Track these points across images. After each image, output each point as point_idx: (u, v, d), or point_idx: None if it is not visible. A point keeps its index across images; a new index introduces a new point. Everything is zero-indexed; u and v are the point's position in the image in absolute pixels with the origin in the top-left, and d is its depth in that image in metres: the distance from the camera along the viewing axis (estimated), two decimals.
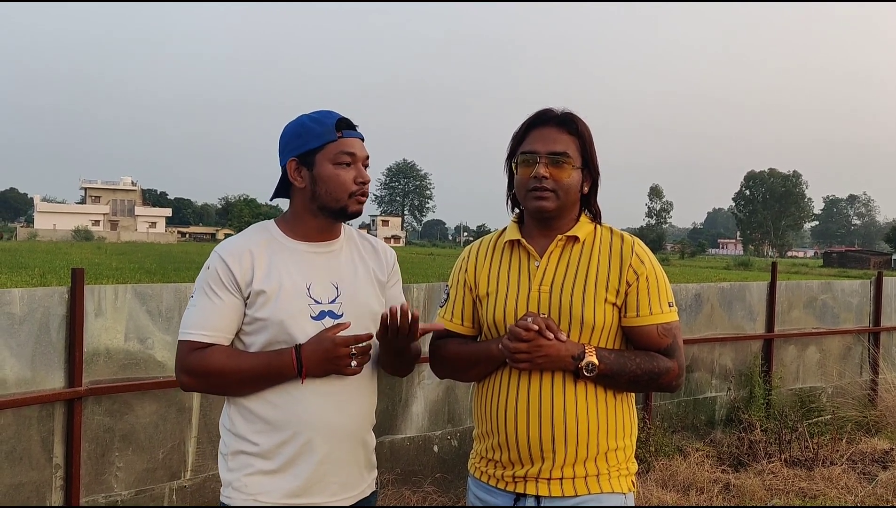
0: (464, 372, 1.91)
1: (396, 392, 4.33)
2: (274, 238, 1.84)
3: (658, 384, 1.80)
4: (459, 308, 1.93)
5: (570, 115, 1.84)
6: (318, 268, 1.83)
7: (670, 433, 5.43)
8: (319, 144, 1.79)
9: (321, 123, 1.81)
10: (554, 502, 1.76)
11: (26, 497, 3.12)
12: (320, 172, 1.79)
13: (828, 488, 4.72)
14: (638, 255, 1.81)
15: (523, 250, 1.86)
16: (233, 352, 1.77)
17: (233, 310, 1.77)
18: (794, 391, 6.28)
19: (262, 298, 1.75)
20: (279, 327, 1.75)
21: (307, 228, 1.84)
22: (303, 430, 1.75)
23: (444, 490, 4.36)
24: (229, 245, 1.82)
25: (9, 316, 3.08)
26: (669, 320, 1.81)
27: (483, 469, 1.87)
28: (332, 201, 1.80)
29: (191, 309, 1.79)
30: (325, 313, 1.79)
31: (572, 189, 1.81)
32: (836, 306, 6.62)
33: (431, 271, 26.58)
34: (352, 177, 1.80)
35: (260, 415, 1.76)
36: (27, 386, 3.12)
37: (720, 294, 5.86)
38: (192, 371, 1.75)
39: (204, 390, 1.87)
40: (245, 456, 1.77)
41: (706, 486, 4.64)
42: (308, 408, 1.76)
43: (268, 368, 1.73)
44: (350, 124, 1.84)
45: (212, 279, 1.77)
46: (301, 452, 1.76)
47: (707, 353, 5.82)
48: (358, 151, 1.82)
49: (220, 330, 1.76)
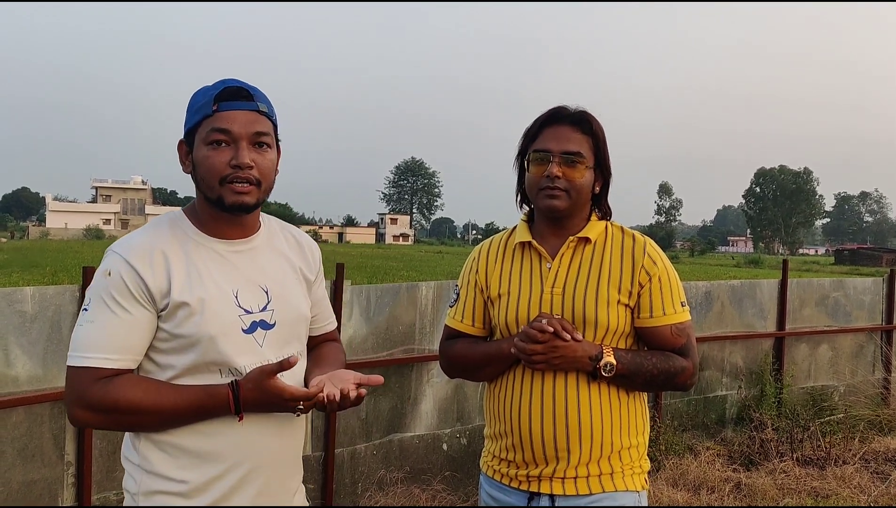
0: (475, 372, 1.90)
1: (405, 390, 4.33)
2: (187, 235, 1.53)
3: (673, 384, 1.79)
4: (470, 309, 1.91)
5: (585, 113, 1.81)
6: (242, 270, 1.55)
7: (680, 432, 5.40)
8: (196, 120, 1.50)
9: (204, 95, 1.50)
10: (568, 501, 1.76)
11: (38, 493, 3.14)
12: (196, 155, 1.50)
13: (840, 487, 4.68)
14: (650, 255, 1.80)
15: (535, 252, 1.84)
16: (149, 385, 1.45)
17: (144, 326, 1.45)
18: (806, 390, 6.23)
19: (185, 311, 1.45)
20: (209, 344, 1.46)
21: (215, 222, 1.55)
22: (242, 461, 1.49)
23: (453, 489, 4.35)
24: (134, 244, 1.49)
25: (21, 314, 3.10)
26: (683, 319, 1.80)
27: (496, 467, 1.86)
28: (207, 190, 1.50)
29: (86, 326, 1.44)
30: (257, 325, 1.53)
31: (585, 189, 1.79)
32: (849, 304, 6.57)
33: (440, 270, 26.58)
34: (226, 159, 1.47)
35: (185, 448, 1.47)
36: (39, 384, 3.13)
37: (730, 292, 5.83)
38: (96, 407, 1.41)
39: (106, 427, 1.49)
40: (165, 496, 1.47)
41: (717, 485, 4.61)
42: (247, 436, 1.49)
43: (196, 408, 1.44)
44: (237, 93, 1.49)
45: (115, 288, 1.44)
46: (237, 486, 1.49)
47: (717, 351, 5.79)
48: (238, 126, 1.47)
49: (128, 352, 1.44)
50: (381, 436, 4.26)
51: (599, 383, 1.75)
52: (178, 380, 1.48)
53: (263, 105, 1.53)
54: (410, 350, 4.32)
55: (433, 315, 4.41)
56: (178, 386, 1.46)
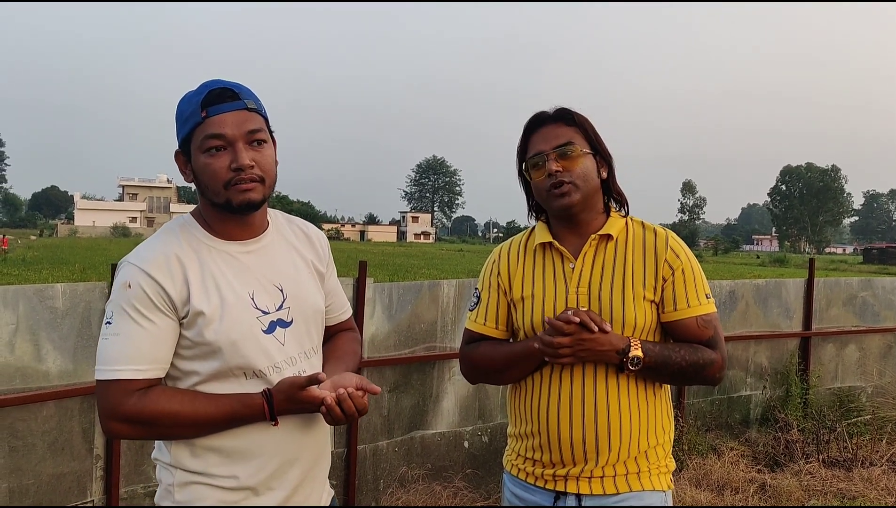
0: (500, 374, 1.85)
1: (427, 388, 4.35)
2: (198, 240, 1.53)
3: (703, 377, 1.75)
4: (494, 311, 1.88)
5: (564, 109, 1.80)
6: (255, 271, 1.55)
7: (703, 432, 5.35)
8: (188, 130, 1.49)
9: (190, 103, 1.49)
10: (595, 500, 1.75)
11: (67, 486, 3.21)
12: (195, 164, 1.50)
13: (867, 489, 4.62)
14: (672, 249, 1.78)
15: (556, 253, 1.82)
16: (184, 396, 1.47)
17: (169, 335, 1.46)
18: (833, 391, 6.14)
19: (204, 318, 1.46)
20: (231, 350, 1.47)
21: (224, 225, 1.55)
22: (275, 455, 1.52)
23: (474, 486, 4.36)
24: (150, 253, 1.49)
25: (52, 310, 3.16)
26: (708, 311, 1.76)
27: (521, 466, 1.85)
28: (213, 196, 1.50)
29: (112, 339, 1.44)
30: (275, 324, 1.54)
31: (590, 175, 1.76)
32: (877, 304, 6.46)
33: (461, 268, 26.58)
34: (225, 164, 1.46)
35: (218, 448, 1.50)
36: (69, 378, 3.20)
37: (755, 291, 5.76)
38: (134, 419, 1.43)
39: (141, 438, 1.51)
40: (201, 487, 1.50)
41: (741, 486, 4.57)
42: (278, 432, 1.52)
43: (231, 418, 1.47)
44: (222, 95, 1.47)
45: (137, 300, 1.44)
46: (272, 478, 1.52)
47: (742, 351, 5.73)
48: (231, 128, 1.46)
49: (157, 362, 1.46)
50: (403, 433, 4.28)
51: (628, 381, 1.73)
52: (203, 386, 1.50)
53: (251, 101, 1.51)
54: (432, 348, 4.34)
55: (455, 313, 4.42)
56: (213, 396, 1.48)
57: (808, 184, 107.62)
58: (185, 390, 1.49)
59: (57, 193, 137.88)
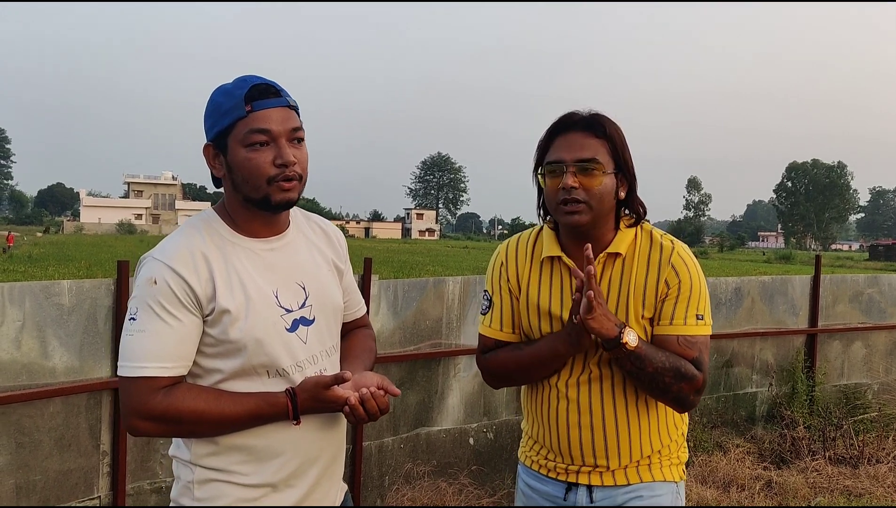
0: (527, 375, 1.81)
1: (432, 385, 4.35)
2: (222, 236, 1.52)
3: (680, 387, 1.66)
4: (508, 316, 1.83)
5: (597, 116, 1.69)
6: (278, 269, 1.55)
7: (709, 429, 5.34)
8: (228, 122, 1.47)
9: (231, 96, 1.47)
10: (606, 492, 1.76)
11: (74, 482, 3.22)
12: (233, 158, 1.48)
13: (874, 486, 4.60)
14: (674, 266, 1.72)
15: (564, 267, 1.77)
16: (209, 394, 1.46)
17: (194, 332, 1.45)
18: (839, 388, 6.12)
19: (229, 316, 1.45)
20: (255, 348, 1.47)
21: (250, 223, 1.54)
22: (296, 454, 1.52)
23: (479, 483, 4.37)
24: (175, 249, 1.47)
25: (58, 307, 3.17)
26: (694, 332, 1.69)
27: (534, 458, 1.87)
28: (251, 191, 1.48)
29: (137, 335, 1.43)
30: (298, 322, 1.54)
31: (606, 197, 1.67)
32: (883, 301, 6.43)
33: (466, 265, 26.58)
34: (269, 159, 1.46)
35: (239, 446, 1.50)
36: (76, 375, 3.21)
37: (761, 288, 5.74)
38: (159, 416, 1.42)
39: (165, 436, 1.51)
40: (221, 484, 1.50)
41: (747, 483, 4.56)
42: (299, 431, 1.52)
43: (255, 416, 1.47)
44: (266, 91, 1.47)
45: (163, 296, 1.43)
46: (293, 476, 1.53)
47: (747, 348, 5.71)
48: (276, 124, 1.46)
49: (182, 359, 1.45)
50: (409, 430, 4.29)
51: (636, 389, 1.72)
52: (225, 384, 1.50)
53: (292, 100, 1.52)
54: (437, 345, 4.34)
55: (460, 310, 4.42)
56: (236, 394, 1.48)
57: (814, 180, 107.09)
58: (209, 388, 1.49)
59: (63, 190, 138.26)
